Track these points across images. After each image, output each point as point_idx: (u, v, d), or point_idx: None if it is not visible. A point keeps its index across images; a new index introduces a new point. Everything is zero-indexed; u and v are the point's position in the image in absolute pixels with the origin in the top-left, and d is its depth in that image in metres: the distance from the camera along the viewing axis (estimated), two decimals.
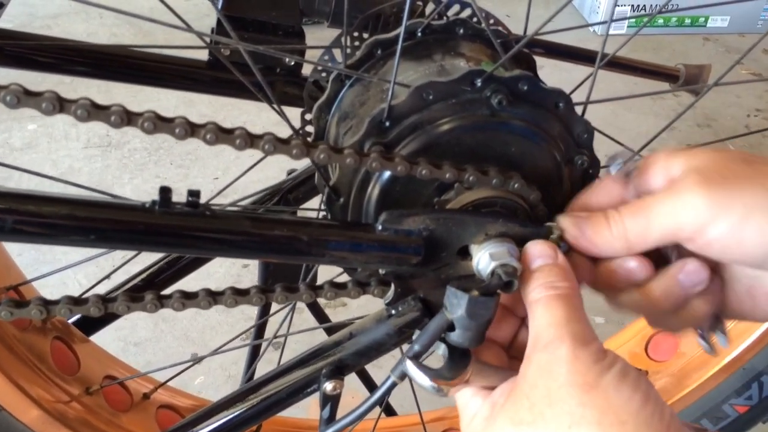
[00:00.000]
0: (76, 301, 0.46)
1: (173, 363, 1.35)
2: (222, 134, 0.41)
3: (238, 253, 0.44)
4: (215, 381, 1.35)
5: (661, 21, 2.62)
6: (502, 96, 0.47)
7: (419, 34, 0.55)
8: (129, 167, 1.83)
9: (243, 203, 0.65)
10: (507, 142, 0.49)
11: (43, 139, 1.89)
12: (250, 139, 0.42)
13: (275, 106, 0.52)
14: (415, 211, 0.47)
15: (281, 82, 0.62)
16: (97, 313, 0.46)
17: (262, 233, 0.43)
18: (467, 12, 0.59)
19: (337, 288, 0.51)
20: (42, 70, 0.60)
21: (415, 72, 0.53)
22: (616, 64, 0.66)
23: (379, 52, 0.55)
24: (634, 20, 2.60)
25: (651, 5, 2.61)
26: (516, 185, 0.48)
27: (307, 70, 0.62)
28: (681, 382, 0.76)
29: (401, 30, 0.48)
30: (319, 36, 0.65)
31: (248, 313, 1.24)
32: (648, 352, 0.80)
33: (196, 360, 0.69)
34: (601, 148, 0.53)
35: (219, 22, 0.54)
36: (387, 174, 0.48)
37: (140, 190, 1.77)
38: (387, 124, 0.48)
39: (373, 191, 0.50)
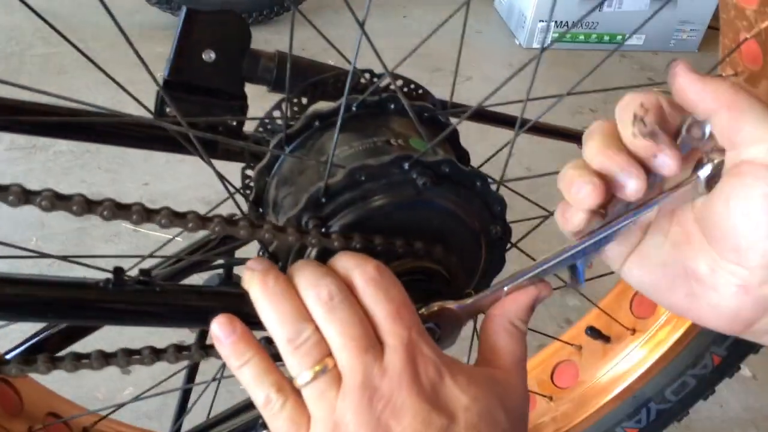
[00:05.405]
0: None
1: (110, 391, 1.37)
2: (176, 219, 0.46)
3: (190, 324, 0.48)
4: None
5: (581, 37, 2.76)
6: (426, 179, 0.53)
7: (354, 108, 0.60)
8: (54, 171, 1.80)
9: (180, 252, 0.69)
10: (431, 218, 0.55)
11: None
12: (202, 222, 0.46)
13: (215, 170, 0.57)
14: None
15: (221, 137, 0.65)
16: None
17: (208, 305, 0.48)
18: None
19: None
20: None
21: (350, 147, 0.58)
22: (534, 128, 0.72)
23: (317, 123, 0.60)
24: (557, 35, 2.73)
25: (573, 21, 2.74)
26: (438, 256, 0.55)
27: (250, 126, 0.66)
28: (581, 407, 0.85)
29: (339, 118, 0.53)
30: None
31: (183, 334, 1.27)
32: (553, 380, 0.89)
33: (123, 404, 0.72)
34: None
35: (162, 98, 0.58)
36: None
37: None
38: (323, 200, 0.53)
39: (310, 255, 0.55)
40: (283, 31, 2.53)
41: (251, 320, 0.47)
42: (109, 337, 0.78)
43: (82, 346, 0.62)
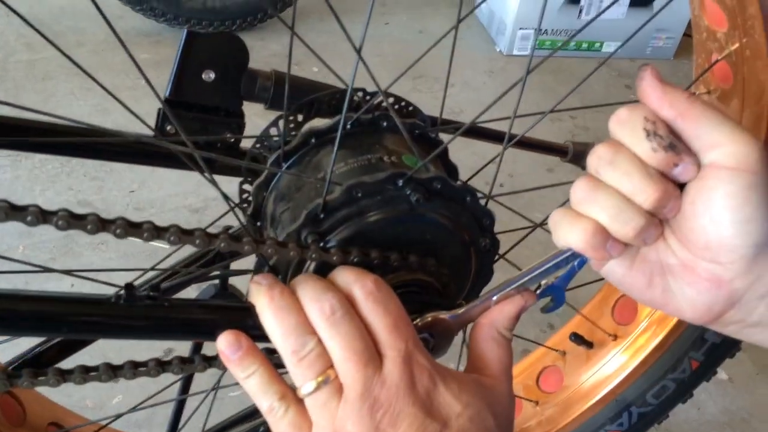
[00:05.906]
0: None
1: (99, 400, 1.38)
2: (184, 236, 0.48)
3: (196, 336, 0.50)
4: (134, 400, 1.37)
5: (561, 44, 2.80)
6: (419, 195, 0.56)
7: (348, 126, 0.63)
8: (40, 179, 1.80)
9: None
10: (424, 231, 0.58)
11: None
12: (209, 239, 0.49)
13: (218, 188, 0.59)
14: None
15: (222, 156, 0.67)
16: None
17: (214, 318, 0.50)
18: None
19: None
20: None
21: (346, 164, 0.60)
22: (519, 142, 0.75)
23: (313, 140, 0.63)
24: (537, 42, 2.78)
25: (552, 29, 2.79)
26: (431, 269, 0.57)
27: (246, 143, 0.68)
28: (565, 411, 0.88)
29: (338, 136, 0.56)
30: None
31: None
32: (539, 385, 0.92)
33: (122, 414, 0.73)
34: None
35: (164, 114, 0.60)
36: None
37: (53, 203, 1.74)
38: (321, 216, 0.55)
39: (309, 268, 0.57)
40: (266, 38, 2.55)
41: (255, 332, 0.49)
42: None
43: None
